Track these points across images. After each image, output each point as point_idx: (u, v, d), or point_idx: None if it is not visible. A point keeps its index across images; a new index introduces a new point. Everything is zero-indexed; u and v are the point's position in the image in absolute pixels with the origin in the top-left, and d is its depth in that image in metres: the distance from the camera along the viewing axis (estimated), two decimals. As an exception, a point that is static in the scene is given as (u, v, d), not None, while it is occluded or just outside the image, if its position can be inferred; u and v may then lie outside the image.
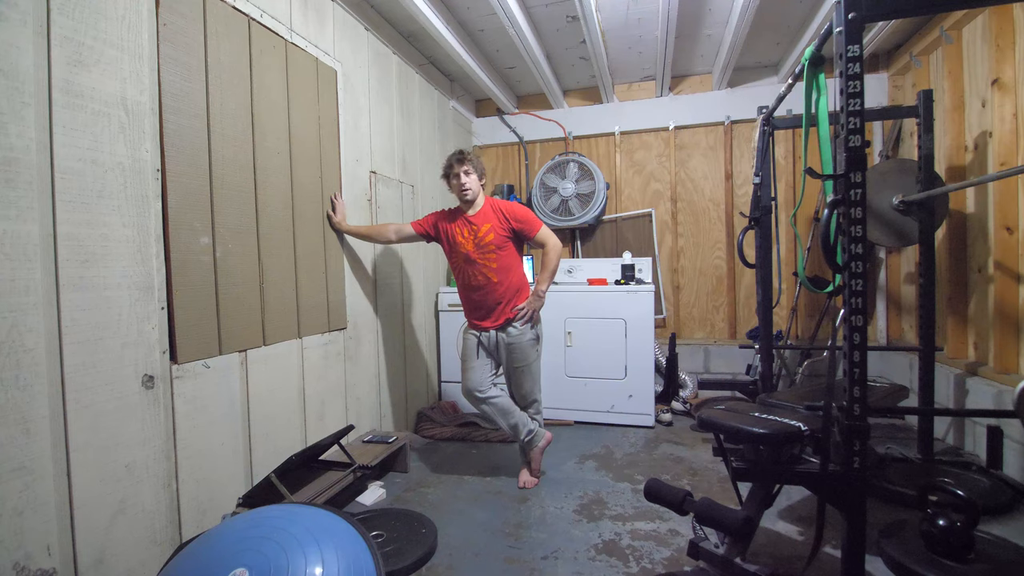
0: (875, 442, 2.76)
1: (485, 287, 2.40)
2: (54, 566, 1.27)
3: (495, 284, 2.38)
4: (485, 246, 2.37)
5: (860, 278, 1.37)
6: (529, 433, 2.44)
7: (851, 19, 1.34)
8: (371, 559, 1.16)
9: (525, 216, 2.42)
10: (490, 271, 2.38)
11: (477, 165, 2.42)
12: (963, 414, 2.65)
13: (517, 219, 2.40)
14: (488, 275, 2.38)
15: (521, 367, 2.44)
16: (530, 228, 2.41)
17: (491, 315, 2.42)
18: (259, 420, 1.97)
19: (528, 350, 2.43)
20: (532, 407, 2.51)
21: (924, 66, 3.14)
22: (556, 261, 2.41)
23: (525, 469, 2.49)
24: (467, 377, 2.44)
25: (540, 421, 2.54)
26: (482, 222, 2.40)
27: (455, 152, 2.43)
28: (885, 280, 3.64)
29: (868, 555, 1.43)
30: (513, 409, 2.43)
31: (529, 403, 2.50)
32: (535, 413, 2.52)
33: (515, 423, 2.41)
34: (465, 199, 2.42)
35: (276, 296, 2.07)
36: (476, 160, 2.43)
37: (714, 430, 1.68)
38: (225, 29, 1.84)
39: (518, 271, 2.46)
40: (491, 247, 2.37)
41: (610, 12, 3.02)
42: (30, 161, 1.25)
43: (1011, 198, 2.44)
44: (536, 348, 2.48)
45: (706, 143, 4.01)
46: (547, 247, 2.42)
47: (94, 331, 1.38)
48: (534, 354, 2.47)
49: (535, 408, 2.52)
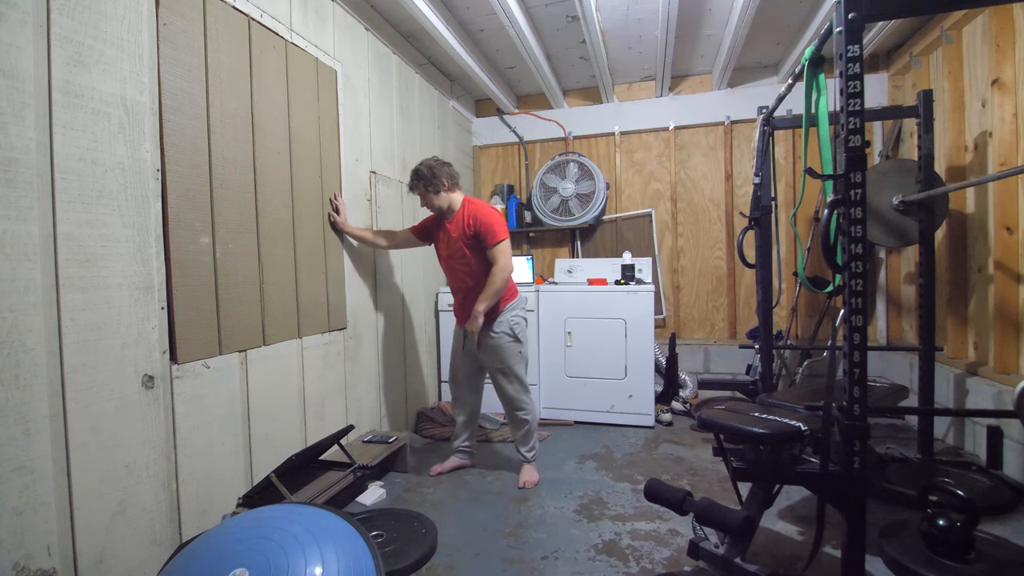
0: (875, 442, 2.76)
1: (463, 289, 2.44)
2: (54, 566, 1.27)
3: (472, 287, 2.40)
4: (456, 251, 2.41)
5: (860, 278, 1.37)
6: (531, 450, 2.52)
7: (851, 19, 1.34)
8: (371, 559, 1.16)
9: (488, 227, 2.31)
10: (465, 273, 2.41)
11: (434, 184, 2.36)
12: (963, 414, 2.65)
13: (480, 227, 2.32)
14: (464, 278, 2.42)
15: (497, 369, 2.44)
16: (487, 239, 2.32)
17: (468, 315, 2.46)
18: (259, 420, 1.97)
19: (501, 351, 2.40)
20: (520, 413, 2.46)
21: (924, 66, 3.14)
22: (498, 284, 2.31)
23: (526, 467, 2.51)
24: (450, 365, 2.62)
25: (533, 437, 2.51)
26: (454, 228, 2.41)
27: (410, 178, 2.43)
28: (885, 280, 3.65)
29: (868, 555, 1.43)
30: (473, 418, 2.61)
31: (516, 409, 2.46)
32: (523, 424, 2.47)
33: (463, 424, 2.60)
34: (433, 213, 2.49)
35: (276, 296, 2.07)
36: (432, 180, 2.36)
37: (714, 430, 1.68)
38: (225, 29, 1.84)
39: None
40: (461, 251, 2.39)
41: (610, 12, 3.02)
42: (30, 161, 1.25)
43: (1011, 198, 2.44)
44: (515, 348, 2.43)
45: (706, 143, 4.01)
46: (495, 267, 2.32)
47: (94, 331, 1.38)
48: (512, 357, 2.43)
49: (522, 416, 2.47)
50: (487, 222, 2.33)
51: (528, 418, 2.48)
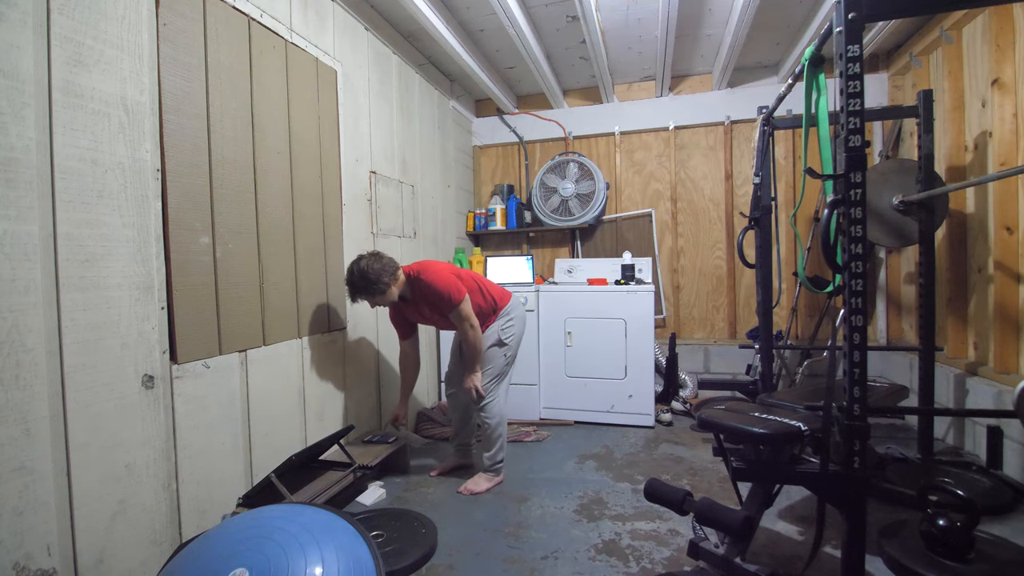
0: (875, 442, 2.76)
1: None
2: (54, 566, 1.27)
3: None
4: (431, 319, 2.43)
5: (860, 278, 1.37)
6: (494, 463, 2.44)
7: (851, 19, 1.34)
8: (371, 559, 1.16)
9: (440, 297, 2.24)
10: (449, 326, 2.38)
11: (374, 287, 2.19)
12: (963, 414, 2.65)
13: (435, 299, 2.26)
14: (449, 326, 2.39)
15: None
16: (444, 309, 2.27)
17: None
18: (259, 420, 1.97)
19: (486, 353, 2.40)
20: (483, 415, 2.40)
21: (924, 66, 3.14)
22: (472, 349, 2.31)
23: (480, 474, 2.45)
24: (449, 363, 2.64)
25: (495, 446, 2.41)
26: (417, 308, 2.38)
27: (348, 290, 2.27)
28: (885, 280, 3.64)
29: (868, 555, 1.43)
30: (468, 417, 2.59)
31: (479, 411, 2.41)
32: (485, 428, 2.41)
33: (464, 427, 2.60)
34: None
35: (276, 296, 2.07)
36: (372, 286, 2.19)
37: (714, 430, 1.68)
38: (225, 29, 1.84)
39: (478, 307, 2.38)
40: (435, 319, 2.42)
41: (610, 12, 3.02)
42: (30, 161, 1.25)
43: (1011, 198, 2.44)
44: (497, 354, 2.42)
45: (706, 143, 4.01)
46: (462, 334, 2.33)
47: (94, 331, 1.38)
48: (496, 360, 2.42)
49: (485, 418, 2.39)
50: (438, 293, 2.23)
51: (490, 422, 2.40)
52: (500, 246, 4.43)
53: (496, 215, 4.13)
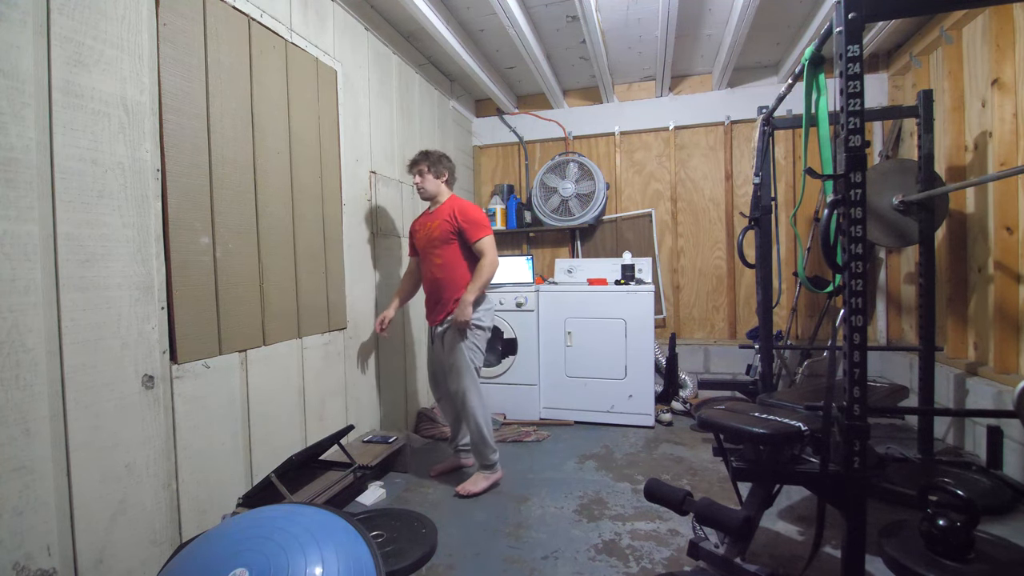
0: (875, 442, 2.75)
1: (432, 281, 2.46)
2: (54, 566, 1.27)
3: (439, 280, 2.42)
4: (433, 240, 2.43)
5: (860, 278, 1.37)
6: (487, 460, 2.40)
7: (851, 19, 1.34)
8: (371, 559, 1.16)
9: (474, 220, 2.38)
10: (435, 266, 2.43)
11: (436, 167, 2.46)
12: (963, 414, 2.65)
13: (465, 220, 2.37)
14: (433, 270, 2.44)
15: (450, 364, 2.39)
16: (472, 232, 2.36)
17: (434, 310, 2.48)
18: (259, 420, 1.97)
19: (455, 348, 2.36)
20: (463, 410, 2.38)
21: (924, 66, 3.14)
22: (487, 275, 2.34)
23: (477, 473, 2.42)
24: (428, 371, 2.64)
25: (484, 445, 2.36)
26: (436, 217, 2.44)
27: (416, 154, 2.51)
28: (885, 280, 3.64)
29: (868, 555, 1.43)
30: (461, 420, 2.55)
31: (462, 410, 2.40)
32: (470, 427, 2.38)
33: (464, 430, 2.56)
34: (420, 196, 2.54)
35: (276, 296, 2.07)
36: (436, 163, 2.46)
37: (714, 430, 1.68)
38: (225, 29, 1.84)
39: (461, 271, 2.41)
40: (437, 241, 2.41)
41: (610, 12, 3.02)
42: (30, 161, 1.25)
43: (1011, 198, 2.44)
44: (470, 348, 2.36)
45: (706, 143, 4.01)
46: (483, 260, 2.36)
47: (94, 331, 1.38)
48: (466, 355, 2.36)
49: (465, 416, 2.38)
50: (474, 218, 2.39)
51: (471, 423, 2.36)
52: (500, 246, 4.41)
53: (496, 215, 4.13)
